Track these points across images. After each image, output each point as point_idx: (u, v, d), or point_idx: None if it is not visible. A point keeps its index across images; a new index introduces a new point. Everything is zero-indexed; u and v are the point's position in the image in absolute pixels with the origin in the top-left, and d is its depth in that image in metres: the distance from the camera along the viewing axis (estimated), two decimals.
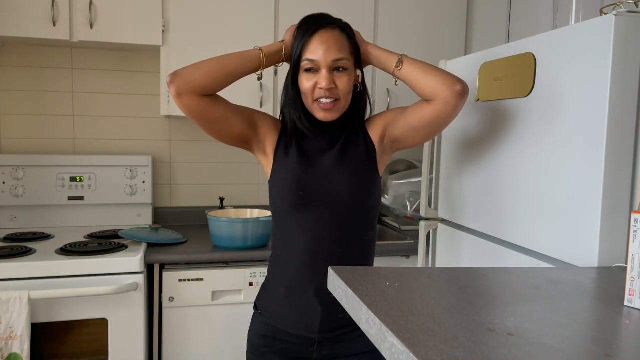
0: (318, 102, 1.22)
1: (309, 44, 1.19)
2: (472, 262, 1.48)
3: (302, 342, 1.25)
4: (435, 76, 1.19)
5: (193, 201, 2.56)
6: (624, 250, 1.03)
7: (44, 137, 2.37)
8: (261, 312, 1.31)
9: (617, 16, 1.00)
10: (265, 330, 1.29)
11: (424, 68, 1.21)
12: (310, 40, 1.19)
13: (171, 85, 1.17)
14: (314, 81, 1.20)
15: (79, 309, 1.78)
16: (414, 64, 1.22)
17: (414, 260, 2.12)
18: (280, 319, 1.27)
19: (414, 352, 0.55)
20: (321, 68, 1.19)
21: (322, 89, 1.19)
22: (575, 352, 0.58)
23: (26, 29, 2.01)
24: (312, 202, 1.23)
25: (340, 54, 1.19)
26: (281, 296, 1.27)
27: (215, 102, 1.22)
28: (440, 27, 2.43)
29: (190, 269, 1.92)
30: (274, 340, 1.27)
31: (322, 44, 1.19)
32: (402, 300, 0.73)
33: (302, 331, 1.25)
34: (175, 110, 2.16)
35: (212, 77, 1.19)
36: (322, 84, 1.19)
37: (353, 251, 1.26)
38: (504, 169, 1.33)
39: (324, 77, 1.19)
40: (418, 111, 1.22)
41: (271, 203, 1.30)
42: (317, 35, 1.20)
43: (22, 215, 2.26)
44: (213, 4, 2.17)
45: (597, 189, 1.03)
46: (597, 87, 1.04)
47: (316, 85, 1.20)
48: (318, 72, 1.20)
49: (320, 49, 1.18)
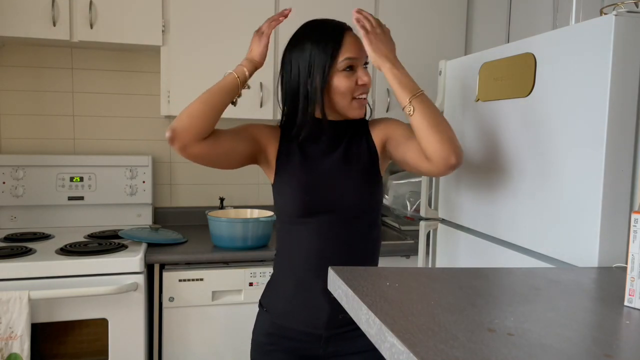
0: (357, 99, 1.25)
1: (343, 44, 1.22)
2: (472, 262, 1.48)
3: (308, 339, 1.26)
4: (439, 137, 1.14)
5: (193, 201, 2.56)
6: (624, 250, 1.03)
7: (44, 137, 2.37)
8: (267, 309, 1.32)
9: (617, 16, 1.00)
10: (271, 328, 1.29)
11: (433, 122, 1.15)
12: (343, 40, 1.22)
13: (174, 142, 1.17)
14: (353, 79, 1.23)
15: (79, 309, 1.78)
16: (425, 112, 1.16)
17: (414, 260, 2.12)
18: (287, 317, 1.27)
19: (414, 352, 0.55)
20: (358, 65, 1.24)
21: (365, 84, 1.24)
22: (575, 352, 0.58)
23: (26, 29, 2.01)
24: (318, 206, 1.23)
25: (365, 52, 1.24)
26: (288, 294, 1.27)
27: (218, 139, 1.22)
28: (440, 27, 2.42)
29: (190, 269, 1.92)
30: (279, 337, 1.28)
31: (354, 42, 1.24)
32: (402, 300, 0.73)
33: (309, 328, 1.25)
34: (175, 110, 2.16)
35: (205, 118, 1.19)
36: (364, 79, 1.23)
37: (359, 249, 1.27)
38: (503, 169, 1.33)
39: (365, 73, 1.24)
40: (414, 156, 1.21)
41: (276, 206, 1.31)
42: (346, 35, 1.24)
43: (22, 215, 2.26)
44: (213, 4, 2.17)
45: (597, 189, 1.03)
46: (597, 87, 1.04)
47: (356, 82, 1.23)
48: (355, 70, 1.23)
49: (355, 46, 1.23)
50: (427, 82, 2.38)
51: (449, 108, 1.62)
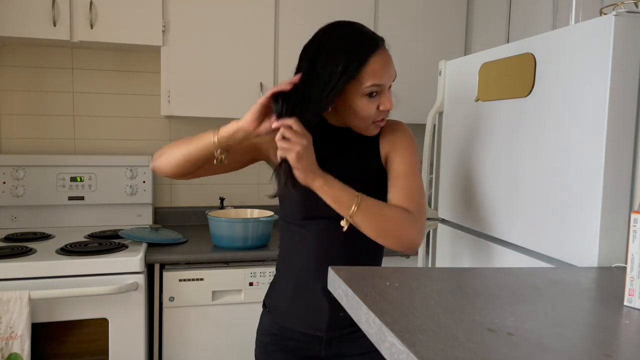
0: (375, 122, 1.18)
1: (372, 64, 1.11)
2: (472, 262, 1.48)
3: (309, 340, 1.26)
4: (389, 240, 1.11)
5: (193, 201, 2.56)
6: (623, 250, 1.03)
7: (44, 137, 2.37)
8: (269, 310, 1.32)
9: (617, 16, 1.00)
10: (273, 328, 1.30)
11: (380, 229, 1.10)
12: (373, 60, 1.11)
13: (158, 173, 1.27)
14: (376, 104, 1.15)
15: (79, 308, 1.78)
16: (368, 222, 1.10)
17: (414, 260, 2.12)
18: (289, 318, 1.27)
19: (413, 352, 0.55)
20: (384, 91, 1.16)
21: (388, 110, 1.17)
22: (575, 352, 0.58)
23: (26, 29, 2.01)
24: (320, 210, 1.19)
25: (394, 69, 1.17)
26: (289, 295, 1.27)
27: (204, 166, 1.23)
28: (440, 27, 2.42)
29: (191, 269, 1.92)
30: (282, 338, 1.28)
31: (384, 64, 1.13)
32: (402, 300, 0.73)
33: (310, 329, 1.25)
34: (175, 110, 2.16)
35: (184, 166, 1.21)
36: (387, 106, 1.16)
37: (362, 250, 1.26)
38: (503, 168, 1.33)
39: (388, 98, 1.16)
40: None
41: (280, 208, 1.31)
42: (377, 54, 1.12)
43: (23, 215, 2.26)
44: (213, 5, 2.17)
45: (597, 189, 1.03)
46: (597, 87, 1.04)
47: (378, 107, 1.16)
48: (379, 95, 1.15)
49: (384, 69, 1.13)
50: (427, 82, 2.40)
51: (449, 108, 1.62)
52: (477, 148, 1.45)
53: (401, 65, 2.26)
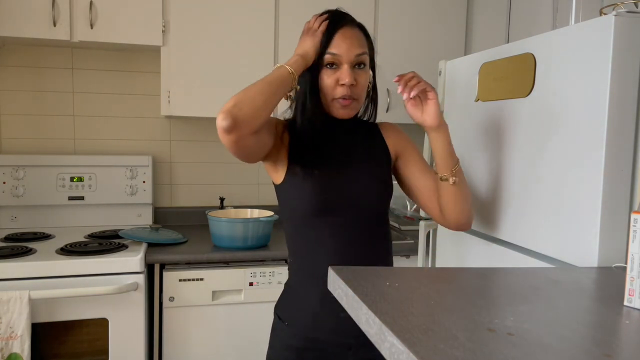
0: (337, 100, 1.18)
1: (334, 37, 1.17)
2: (472, 262, 1.48)
3: (337, 348, 1.21)
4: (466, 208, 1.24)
5: (193, 201, 2.56)
6: (623, 250, 1.03)
7: (44, 137, 2.37)
8: (288, 324, 1.23)
9: (616, 16, 1.00)
10: (294, 341, 1.22)
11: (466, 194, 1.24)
12: (335, 33, 1.17)
13: (232, 132, 1.03)
14: (334, 77, 1.17)
15: (79, 309, 1.78)
16: (462, 184, 1.22)
17: (413, 260, 2.12)
18: (314, 329, 1.20)
19: (413, 352, 0.55)
20: (343, 63, 1.17)
21: (345, 85, 1.16)
22: (575, 352, 0.58)
23: (26, 29, 2.01)
24: (336, 204, 1.18)
25: (361, 48, 1.18)
26: (314, 305, 1.20)
27: (261, 131, 1.12)
28: (440, 27, 2.42)
29: (191, 269, 1.92)
30: (304, 350, 1.21)
31: (345, 39, 1.17)
32: (402, 300, 0.73)
33: (338, 337, 1.20)
34: (175, 110, 2.16)
35: (266, 110, 1.08)
36: (344, 80, 1.15)
37: (378, 249, 1.24)
38: (503, 169, 1.33)
39: (346, 73, 1.16)
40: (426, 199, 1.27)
41: (287, 207, 1.24)
42: (340, 31, 1.18)
43: (23, 215, 2.26)
44: (213, 5, 2.17)
45: (597, 189, 1.03)
46: (596, 87, 1.04)
47: (337, 82, 1.17)
48: (339, 67, 1.17)
49: (344, 43, 1.17)
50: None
51: (449, 108, 1.62)
52: (476, 148, 1.45)
53: (401, 65, 2.27)
